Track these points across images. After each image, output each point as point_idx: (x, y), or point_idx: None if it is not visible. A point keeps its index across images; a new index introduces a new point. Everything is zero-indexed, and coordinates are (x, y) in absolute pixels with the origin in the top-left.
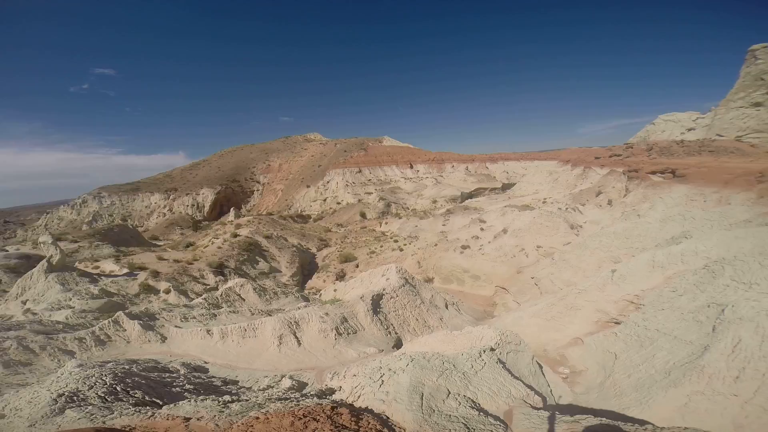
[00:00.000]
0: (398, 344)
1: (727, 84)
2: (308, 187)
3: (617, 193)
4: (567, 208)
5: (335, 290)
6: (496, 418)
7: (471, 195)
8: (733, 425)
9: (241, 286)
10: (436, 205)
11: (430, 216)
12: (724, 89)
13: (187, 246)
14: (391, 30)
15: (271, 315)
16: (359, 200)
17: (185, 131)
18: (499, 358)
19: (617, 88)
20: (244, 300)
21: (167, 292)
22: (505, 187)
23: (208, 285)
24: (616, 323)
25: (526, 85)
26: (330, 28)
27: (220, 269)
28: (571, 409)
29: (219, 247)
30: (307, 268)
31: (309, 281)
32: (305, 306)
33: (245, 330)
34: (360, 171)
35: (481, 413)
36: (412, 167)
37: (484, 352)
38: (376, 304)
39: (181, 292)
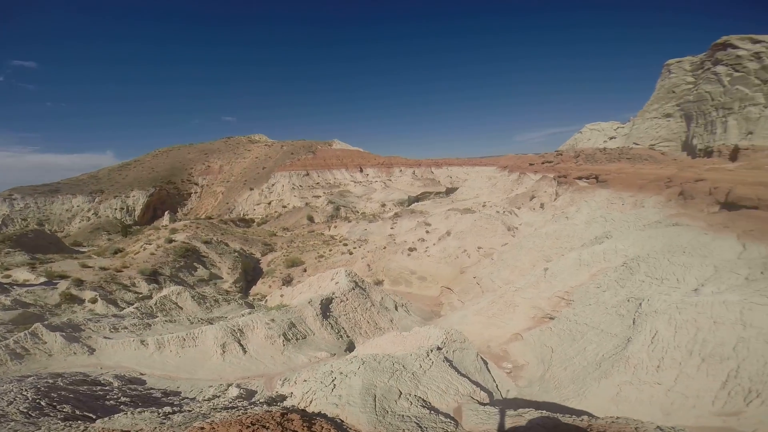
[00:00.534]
0: (350, 347)
1: (647, 96)
2: (252, 189)
3: (548, 197)
4: (504, 211)
5: (282, 296)
6: (447, 415)
7: (418, 199)
8: (661, 412)
9: (178, 294)
10: (384, 209)
11: (379, 219)
12: (644, 101)
13: (116, 252)
14: (340, 34)
15: (212, 323)
16: (307, 204)
17: (114, 128)
18: (446, 357)
19: (550, 100)
20: (181, 308)
21: (93, 301)
22: (449, 191)
23: (141, 293)
24: (550, 318)
25: (469, 93)
26: (277, 30)
27: (153, 277)
28: (516, 403)
29: (152, 254)
30: (251, 274)
31: (253, 287)
32: (249, 313)
33: (184, 339)
34: (308, 174)
35: (432, 412)
36: (362, 171)
37: (432, 351)
38: (326, 308)
39: (109, 302)
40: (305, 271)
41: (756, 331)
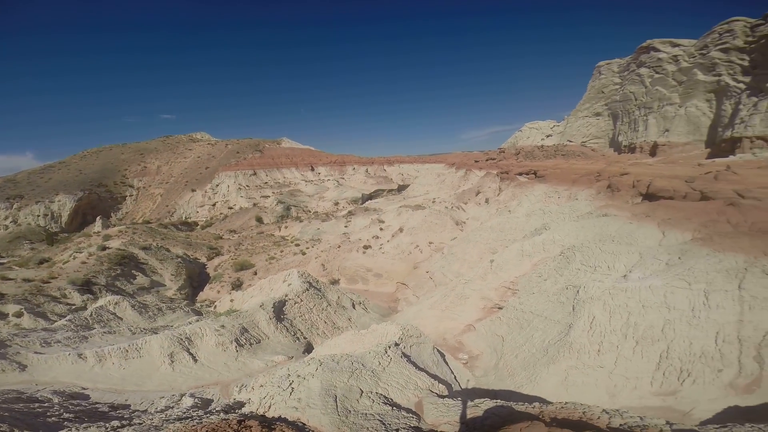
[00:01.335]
0: (308, 349)
1: (581, 95)
2: (194, 191)
3: (493, 193)
4: (452, 207)
5: (232, 300)
6: (409, 410)
7: (371, 196)
8: (607, 395)
9: (116, 303)
10: (338, 207)
11: (333, 218)
12: (578, 100)
13: (41, 262)
14: (288, 35)
15: (156, 333)
16: (255, 204)
17: (34, 127)
18: (403, 352)
19: (494, 100)
20: (121, 319)
21: (19, 315)
22: (401, 188)
23: (74, 305)
24: (499, 308)
25: (418, 93)
26: (222, 29)
27: (87, 287)
28: (473, 393)
29: (83, 262)
30: (196, 280)
31: (200, 293)
32: (197, 320)
33: (127, 351)
34: (255, 173)
35: (395, 408)
36: (313, 169)
37: (390, 348)
38: (279, 310)
39: (38, 315)
40: (256, 274)
41: (679, 314)
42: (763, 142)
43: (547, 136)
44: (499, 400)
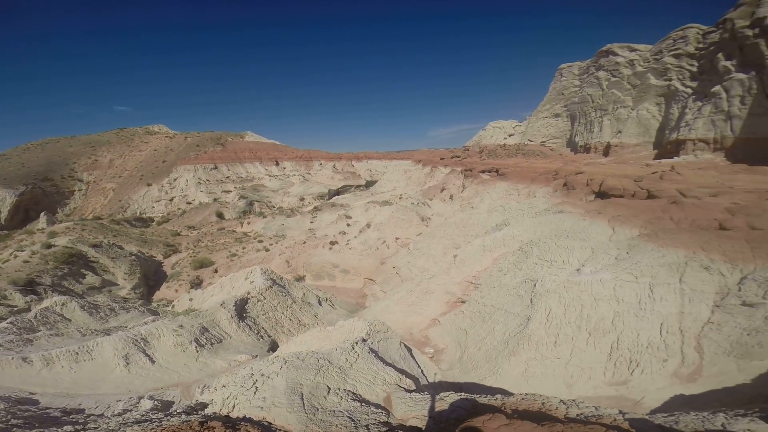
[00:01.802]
0: (274, 347)
1: (543, 96)
2: (149, 185)
3: (457, 189)
4: (418, 203)
5: (191, 299)
6: (377, 406)
7: (338, 192)
8: (564, 385)
9: (63, 304)
10: (303, 203)
11: (298, 213)
12: (540, 101)
13: None
14: (259, 32)
15: (109, 334)
16: (215, 199)
17: None
18: (371, 348)
19: (460, 100)
20: (69, 320)
21: None
22: (369, 184)
23: (16, 306)
24: (462, 302)
25: (386, 93)
26: (181, 15)
27: (30, 287)
28: (440, 387)
29: (26, 261)
30: (152, 279)
31: (157, 293)
32: (153, 320)
33: (77, 353)
34: (216, 167)
35: (363, 404)
36: (278, 164)
37: (357, 344)
38: (242, 309)
39: None
40: (216, 271)
41: (627, 306)
42: (704, 145)
43: (510, 135)
44: (463, 393)
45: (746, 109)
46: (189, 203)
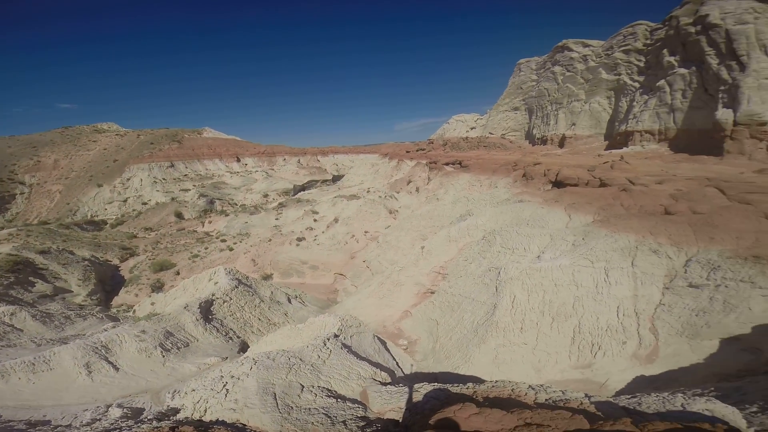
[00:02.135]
0: (244, 348)
1: (503, 91)
2: (100, 186)
3: (422, 182)
4: (386, 196)
5: (153, 303)
6: (354, 401)
7: (304, 187)
8: (533, 370)
9: (12, 314)
10: (267, 199)
11: (262, 211)
12: (500, 95)
13: None
14: (214, 21)
15: (67, 343)
16: (173, 199)
17: None
18: (343, 343)
19: (425, 92)
20: (21, 330)
21: None
22: (336, 178)
23: None
24: (431, 293)
25: (353, 85)
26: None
27: None
28: (416, 378)
29: None
30: (109, 284)
31: (115, 298)
32: (113, 326)
33: (33, 364)
34: (173, 165)
35: (339, 400)
36: (239, 161)
37: (329, 340)
38: (207, 311)
39: None
40: (178, 274)
41: (585, 290)
42: (650, 136)
43: (472, 129)
44: (436, 383)
45: (687, 102)
46: (145, 204)
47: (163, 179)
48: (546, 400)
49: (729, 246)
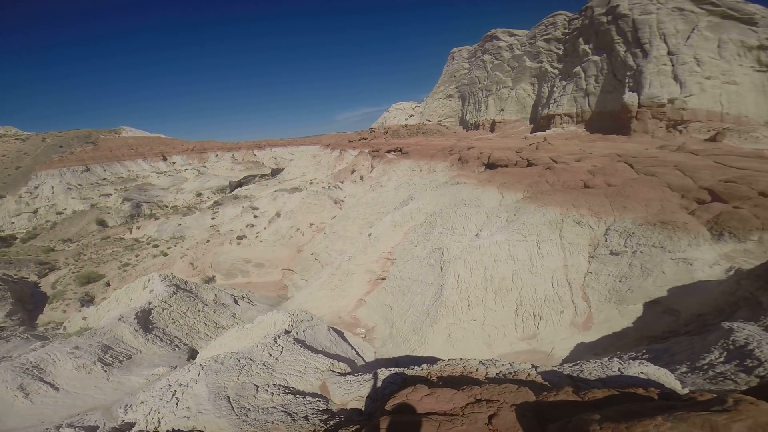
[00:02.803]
0: (193, 355)
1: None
2: (3, 197)
3: (366, 170)
4: (330, 186)
5: (84, 318)
6: (314, 395)
7: (240, 183)
8: (485, 345)
9: None
10: (201, 199)
11: (196, 211)
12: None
13: None
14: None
15: None
16: (93, 205)
17: None
18: (296, 338)
19: (366, 82)
20: None
21: None
22: (275, 172)
23: None
24: (382, 279)
25: (291, 84)
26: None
27: None
28: (376, 365)
29: None
30: (30, 302)
31: (40, 316)
32: (42, 345)
33: None
34: (88, 169)
35: (298, 395)
36: (166, 159)
37: (279, 337)
38: (146, 320)
39: None
40: (109, 285)
41: (522, 264)
42: (569, 118)
43: (410, 116)
44: (393, 368)
45: (599, 87)
46: (59, 213)
47: (79, 185)
48: (496, 374)
49: (640, 214)
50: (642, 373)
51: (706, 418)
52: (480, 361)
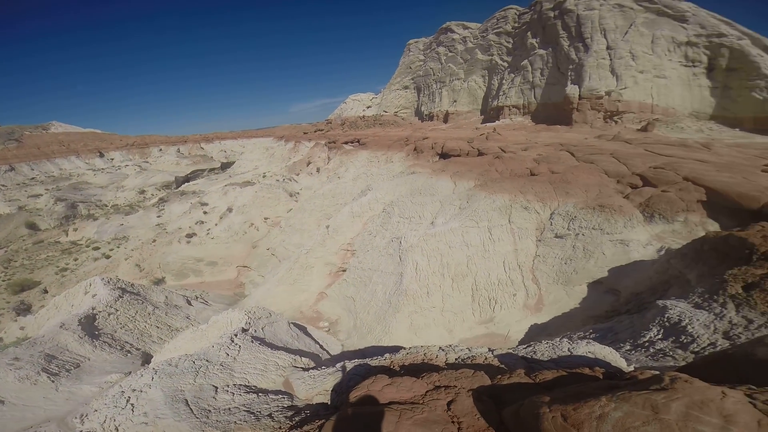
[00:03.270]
0: (148, 359)
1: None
2: None
3: (323, 162)
4: (284, 179)
5: (22, 328)
6: (277, 392)
7: (188, 178)
8: (446, 331)
9: None
10: (145, 196)
11: (140, 209)
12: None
13: None
14: None
15: None
16: (21, 207)
17: None
18: (254, 336)
19: (322, 72)
20: None
21: None
22: (225, 166)
23: None
24: (343, 271)
25: (240, 66)
26: None
27: None
28: (341, 357)
29: None
30: None
31: None
32: None
33: None
34: (13, 169)
35: (260, 393)
36: (102, 156)
37: (236, 335)
38: (91, 326)
39: None
40: (46, 291)
41: (475, 249)
42: (516, 110)
43: (368, 107)
44: (356, 360)
45: (545, 79)
46: None
47: (3, 186)
48: (456, 359)
49: (581, 199)
50: (590, 352)
51: (646, 398)
52: (440, 348)
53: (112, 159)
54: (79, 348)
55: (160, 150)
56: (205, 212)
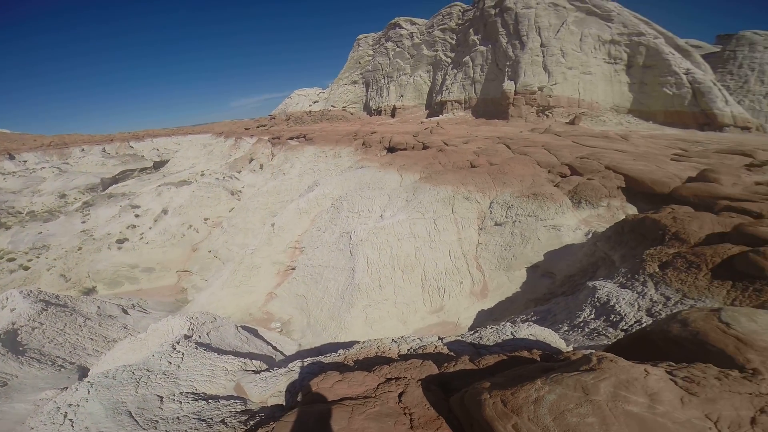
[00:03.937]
0: (85, 373)
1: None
2: None
3: (266, 158)
4: (225, 177)
5: None
6: (229, 397)
7: (116, 179)
8: (401, 323)
9: None
10: (66, 200)
11: (61, 215)
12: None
13: None
14: None
15: None
16: None
17: None
18: (198, 343)
19: (265, 66)
20: None
21: None
22: (158, 165)
23: None
24: (292, 269)
25: (177, 64)
26: None
27: None
28: (296, 357)
29: None
30: None
31: None
32: None
33: None
34: None
35: (210, 400)
36: (13, 158)
37: (179, 343)
38: (13, 342)
39: None
40: None
41: (422, 240)
42: (458, 105)
43: (315, 102)
44: (311, 358)
45: (484, 75)
46: None
47: None
48: (408, 350)
49: (516, 188)
50: (531, 335)
51: (577, 379)
52: (392, 340)
53: (25, 161)
54: (3, 366)
55: (83, 150)
56: (137, 215)
